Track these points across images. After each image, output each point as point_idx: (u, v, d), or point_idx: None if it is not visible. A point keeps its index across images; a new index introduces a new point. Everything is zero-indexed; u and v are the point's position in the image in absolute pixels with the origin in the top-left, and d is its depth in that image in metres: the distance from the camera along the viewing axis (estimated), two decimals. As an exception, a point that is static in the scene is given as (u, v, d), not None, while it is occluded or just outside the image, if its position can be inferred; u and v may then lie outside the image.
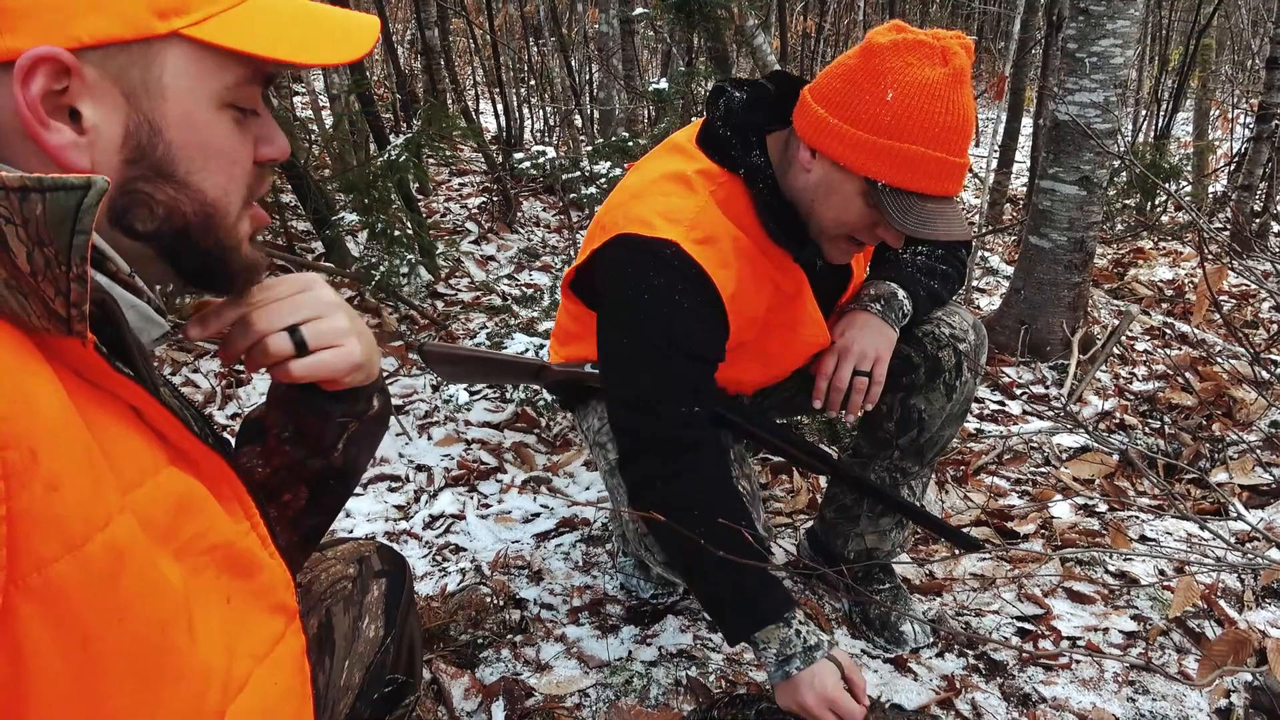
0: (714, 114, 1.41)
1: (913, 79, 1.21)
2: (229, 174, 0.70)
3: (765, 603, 1.36)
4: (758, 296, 1.43)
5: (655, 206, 1.36)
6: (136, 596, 0.58)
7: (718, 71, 3.58)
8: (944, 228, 1.27)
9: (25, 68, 0.59)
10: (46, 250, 0.54)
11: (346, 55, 0.71)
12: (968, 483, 2.36)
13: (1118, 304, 3.67)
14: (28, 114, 0.60)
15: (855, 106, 1.24)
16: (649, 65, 7.39)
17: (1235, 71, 8.07)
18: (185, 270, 0.73)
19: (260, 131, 0.73)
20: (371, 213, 3.34)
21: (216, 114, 0.68)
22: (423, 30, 5.22)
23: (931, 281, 1.58)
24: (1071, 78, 2.90)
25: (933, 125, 1.21)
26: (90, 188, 0.54)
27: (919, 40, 1.23)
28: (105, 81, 0.63)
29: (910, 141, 1.22)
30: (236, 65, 0.68)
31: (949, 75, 1.22)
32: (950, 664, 1.69)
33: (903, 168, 1.23)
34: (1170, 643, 1.74)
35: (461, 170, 5.83)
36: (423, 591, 1.88)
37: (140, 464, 0.63)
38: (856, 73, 1.25)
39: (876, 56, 1.24)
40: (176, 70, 0.65)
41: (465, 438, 2.59)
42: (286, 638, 0.73)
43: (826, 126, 1.27)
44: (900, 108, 1.21)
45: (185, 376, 2.88)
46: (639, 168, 1.51)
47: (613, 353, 1.42)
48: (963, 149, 1.25)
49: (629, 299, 1.36)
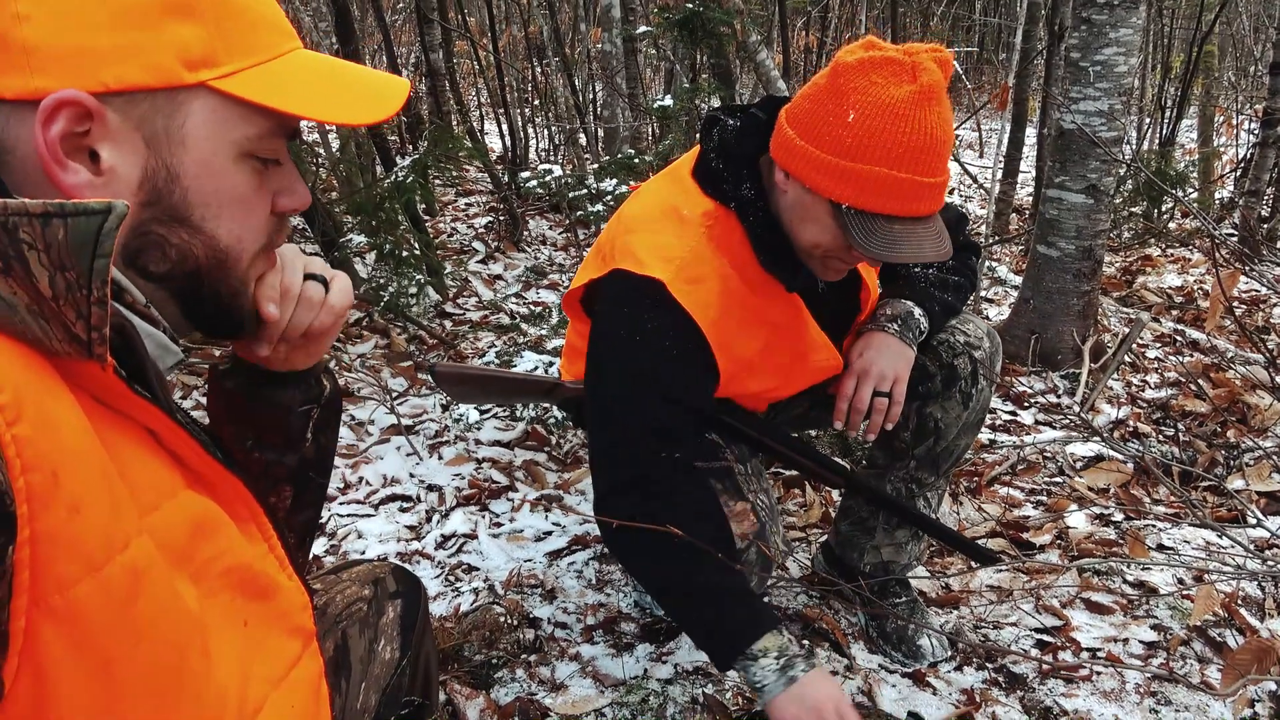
0: (708, 145, 1.40)
1: (875, 98, 1.18)
2: (244, 223, 0.71)
3: (761, 612, 1.32)
4: (749, 339, 1.42)
5: (647, 243, 1.37)
6: (153, 619, 0.58)
7: (721, 88, 3.60)
8: (913, 250, 1.23)
9: (49, 109, 0.60)
10: (68, 275, 0.55)
11: (374, 116, 0.72)
12: (982, 494, 2.34)
13: (1128, 312, 3.66)
14: (45, 153, 0.61)
15: (820, 128, 1.22)
16: (653, 83, 7.42)
17: (1239, 78, 8.07)
18: (194, 313, 0.73)
19: (281, 183, 0.74)
20: (379, 234, 3.36)
21: (236, 163, 0.69)
22: (427, 53, 5.26)
23: (945, 294, 1.58)
24: (1075, 86, 2.90)
25: (896, 146, 1.17)
26: (110, 212, 0.55)
27: (887, 58, 1.19)
28: (127, 126, 0.64)
29: (872, 163, 1.18)
30: (261, 118, 0.68)
31: (915, 93, 1.18)
32: (969, 678, 1.67)
33: (864, 190, 1.20)
34: (1192, 652, 1.72)
35: (468, 190, 5.86)
36: (436, 612, 1.87)
37: (158, 487, 0.63)
38: (823, 93, 1.23)
39: (842, 76, 1.21)
40: (199, 120, 0.66)
41: (476, 457, 2.58)
42: (304, 660, 0.73)
43: (794, 148, 1.25)
44: (861, 129, 1.18)
45: (196, 400, 2.89)
46: (640, 195, 1.51)
47: (594, 389, 1.42)
48: (933, 169, 1.21)
49: (614, 335, 1.37)
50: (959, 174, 6.76)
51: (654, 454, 1.34)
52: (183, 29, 0.64)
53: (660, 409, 1.35)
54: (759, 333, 1.43)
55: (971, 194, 6.56)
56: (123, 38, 0.62)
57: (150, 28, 0.63)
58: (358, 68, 0.76)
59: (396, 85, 0.75)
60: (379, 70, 0.78)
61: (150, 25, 0.63)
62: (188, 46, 0.64)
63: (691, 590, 1.32)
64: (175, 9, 0.64)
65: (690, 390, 1.38)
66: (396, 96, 0.74)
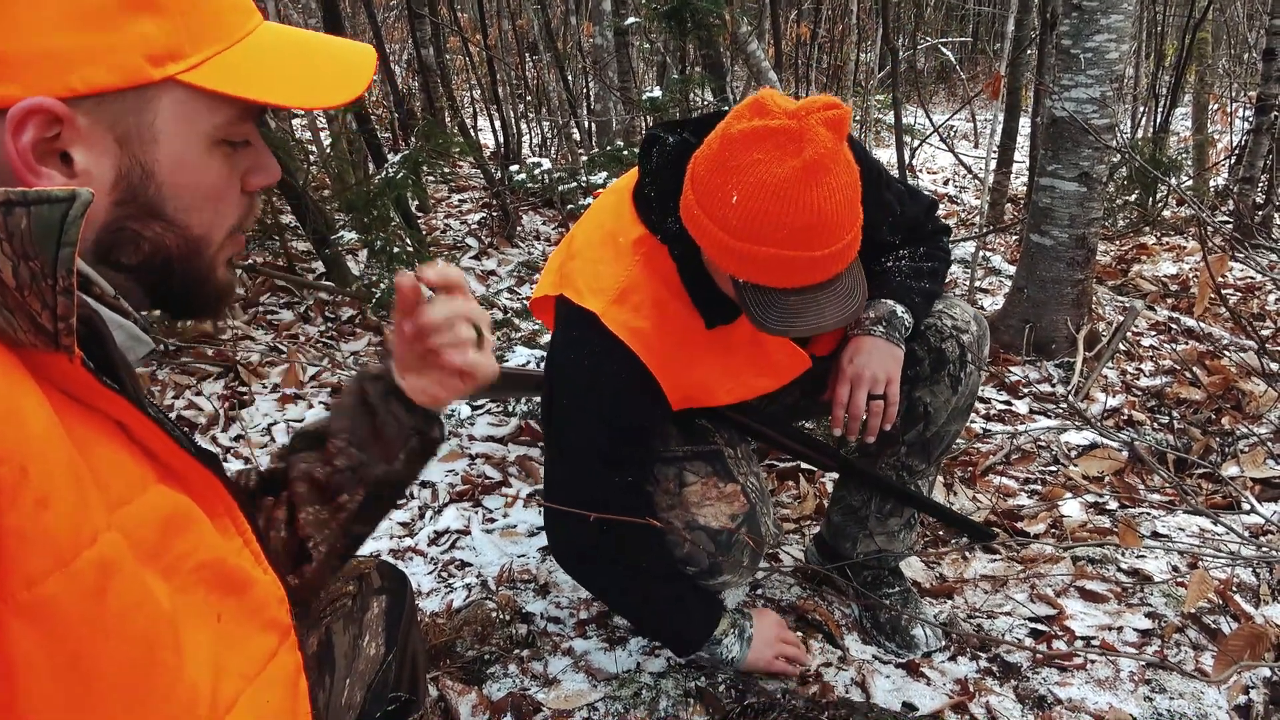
0: (644, 167, 1.37)
1: (757, 179, 1.12)
2: (216, 209, 0.71)
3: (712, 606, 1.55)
4: (697, 360, 1.41)
5: (586, 272, 1.38)
6: (123, 614, 0.57)
7: (712, 79, 3.58)
8: (812, 320, 1.21)
9: (17, 118, 0.60)
10: (32, 264, 0.54)
11: (342, 97, 0.72)
12: (976, 484, 2.34)
13: (1122, 300, 3.65)
14: (18, 161, 0.60)
15: (710, 201, 1.17)
16: (645, 77, 7.41)
17: (1232, 65, 8.06)
18: (162, 297, 0.73)
19: (251, 161, 0.74)
20: (371, 231, 3.34)
21: (208, 152, 0.69)
22: (419, 49, 5.24)
23: (921, 283, 1.56)
24: (1067, 74, 2.89)
25: (780, 228, 1.12)
26: (75, 200, 0.54)
27: (771, 129, 1.12)
28: (98, 128, 0.63)
29: (758, 243, 1.14)
30: (229, 105, 0.68)
31: (799, 170, 1.10)
32: (963, 667, 1.67)
33: (754, 268, 1.17)
34: (1186, 640, 1.71)
35: (461, 187, 5.84)
36: (428, 608, 1.87)
37: (128, 481, 0.62)
38: (713, 162, 1.17)
39: (728, 148, 1.15)
40: (170, 115, 0.66)
41: (469, 453, 2.57)
42: (280, 655, 0.72)
43: (692, 215, 1.21)
44: (745, 210, 1.13)
45: (189, 399, 2.88)
46: (590, 213, 1.50)
47: (546, 411, 1.48)
48: (824, 241, 1.15)
49: (563, 362, 1.41)
50: (954, 164, 6.75)
51: (602, 479, 1.41)
52: (146, 24, 0.63)
53: (602, 436, 1.40)
54: (706, 354, 1.42)
55: (967, 184, 6.56)
56: (86, 39, 0.61)
57: (113, 27, 0.62)
58: (322, 38, 0.75)
59: (362, 56, 0.75)
60: (343, 39, 0.77)
61: (113, 24, 0.62)
62: (152, 42, 0.63)
63: (650, 605, 1.53)
64: (138, 4, 0.63)
65: (634, 417, 1.41)
66: (364, 70, 0.73)
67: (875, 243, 1.50)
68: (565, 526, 1.44)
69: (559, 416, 1.44)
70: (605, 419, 1.39)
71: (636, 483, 1.45)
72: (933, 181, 6.65)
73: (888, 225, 1.53)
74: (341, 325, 3.50)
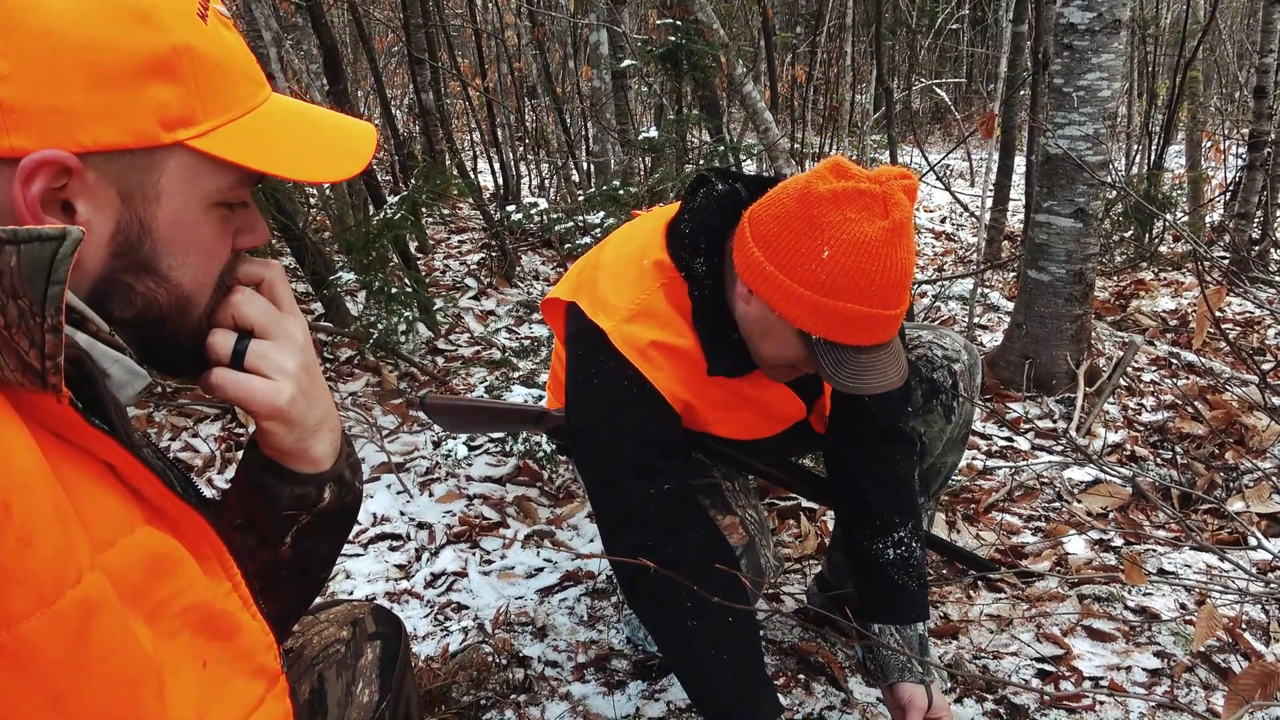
0: (687, 204, 1.39)
1: (851, 236, 1.16)
2: (206, 267, 0.72)
3: (765, 703, 1.33)
4: (699, 389, 1.41)
5: (605, 288, 1.38)
6: (105, 656, 0.56)
7: (709, 119, 3.62)
8: (877, 378, 1.23)
9: (29, 169, 0.60)
10: (21, 302, 0.54)
11: (342, 173, 0.73)
12: (979, 521, 2.31)
13: (1121, 335, 3.65)
14: (24, 210, 0.61)
15: (791, 258, 1.19)
16: (643, 119, 7.49)
17: (1224, 103, 8.15)
18: (153, 354, 0.73)
19: (242, 222, 0.75)
20: (369, 272, 3.35)
21: (205, 213, 0.70)
22: (419, 94, 5.31)
23: (919, 572, 1.52)
24: (1060, 112, 2.91)
25: (870, 284, 1.16)
26: (65, 238, 0.54)
27: (859, 190, 1.16)
28: (104, 181, 0.64)
29: (846, 300, 1.17)
30: (232, 171, 0.69)
31: (888, 230, 1.16)
32: (969, 710, 1.63)
33: (837, 324, 1.19)
34: (1196, 679, 1.68)
35: (460, 228, 5.88)
36: (424, 652, 1.84)
37: (114, 522, 0.62)
38: (795, 220, 1.19)
39: (815, 207, 1.18)
40: (174, 176, 0.67)
41: (467, 493, 2.55)
42: (267, 702, 0.71)
43: (763, 272, 1.22)
44: (837, 266, 1.16)
45: (185, 441, 2.86)
46: (625, 233, 1.50)
47: (575, 431, 1.45)
48: (899, 300, 1.20)
49: (583, 379, 1.39)
50: (950, 202, 6.79)
51: (641, 491, 1.36)
52: (162, 90, 0.64)
53: (633, 450, 1.37)
54: (710, 390, 1.41)
55: (964, 221, 6.59)
56: (102, 99, 0.62)
57: (130, 89, 0.63)
58: (327, 115, 0.77)
59: (364, 134, 0.76)
60: (347, 116, 0.79)
61: (130, 87, 0.63)
62: (167, 107, 0.64)
63: (703, 662, 1.34)
64: (156, 70, 0.64)
65: (658, 427, 1.39)
66: (365, 148, 0.75)
67: (897, 434, 1.53)
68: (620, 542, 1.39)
69: (590, 434, 1.41)
70: (632, 431, 1.36)
71: (676, 491, 1.39)
72: (930, 220, 6.69)
73: (908, 413, 1.56)
74: (340, 366, 3.50)
